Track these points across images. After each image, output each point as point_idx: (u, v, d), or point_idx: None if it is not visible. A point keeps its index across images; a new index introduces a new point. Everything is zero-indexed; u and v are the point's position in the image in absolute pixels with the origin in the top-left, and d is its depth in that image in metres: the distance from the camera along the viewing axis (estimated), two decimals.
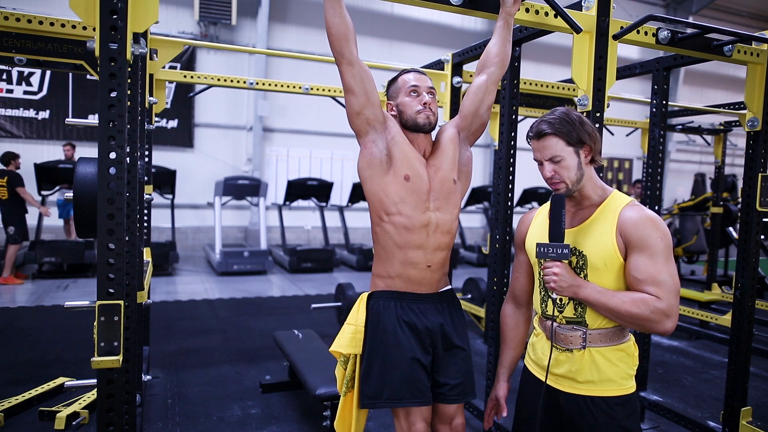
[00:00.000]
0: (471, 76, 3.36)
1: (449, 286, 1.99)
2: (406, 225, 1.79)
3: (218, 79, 3.91)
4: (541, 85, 4.00)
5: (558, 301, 1.57)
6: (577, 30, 2.05)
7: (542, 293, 1.62)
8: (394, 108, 1.89)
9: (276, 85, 4.08)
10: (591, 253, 1.51)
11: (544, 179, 1.56)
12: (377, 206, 1.83)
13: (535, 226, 1.68)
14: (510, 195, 2.76)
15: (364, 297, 1.90)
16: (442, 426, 1.91)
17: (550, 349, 1.59)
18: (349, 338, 1.85)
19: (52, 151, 9.01)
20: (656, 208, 3.36)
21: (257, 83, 3.96)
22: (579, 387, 1.54)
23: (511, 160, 2.74)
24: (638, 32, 2.22)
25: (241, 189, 8.61)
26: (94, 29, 1.47)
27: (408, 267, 1.82)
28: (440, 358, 1.87)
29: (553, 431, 1.62)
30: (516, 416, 1.74)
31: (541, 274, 1.57)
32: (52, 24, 2.59)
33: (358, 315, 1.87)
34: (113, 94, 1.46)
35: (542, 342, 1.65)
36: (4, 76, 8.88)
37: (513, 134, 2.73)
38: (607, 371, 1.52)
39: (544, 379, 1.59)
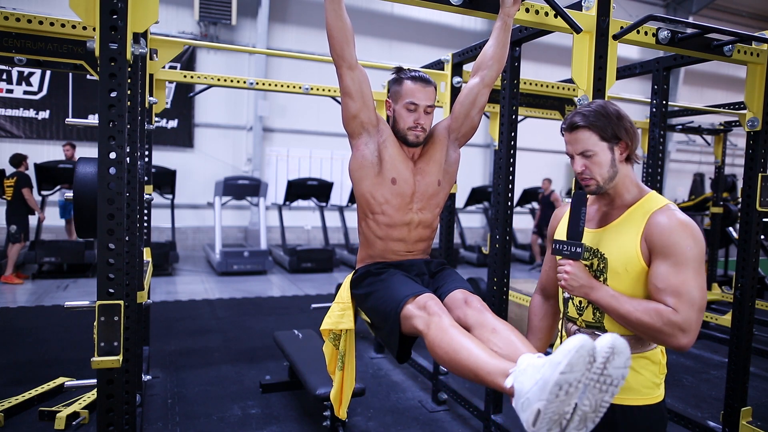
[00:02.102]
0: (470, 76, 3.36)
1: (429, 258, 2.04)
2: (388, 223, 1.88)
3: (218, 79, 3.91)
4: (541, 85, 4.00)
5: (578, 303, 1.51)
6: (577, 30, 2.05)
7: (563, 293, 1.57)
8: (391, 108, 1.91)
9: (276, 85, 4.08)
10: (612, 257, 1.44)
11: (575, 174, 1.49)
12: (364, 205, 1.91)
13: (564, 221, 1.61)
14: (510, 195, 2.76)
15: (348, 276, 1.98)
16: (459, 311, 1.73)
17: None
18: (339, 315, 1.92)
19: (52, 151, 9.01)
20: None
21: (257, 83, 3.97)
22: None
23: (511, 160, 2.75)
24: (638, 32, 2.22)
25: (241, 189, 8.61)
26: (94, 29, 1.47)
27: (389, 252, 1.92)
28: (429, 280, 1.90)
29: None
30: None
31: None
32: (52, 24, 2.59)
33: (344, 293, 1.94)
34: (113, 94, 1.46)
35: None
36: (4, 76, 8.88)
37: (513, 134, 2.73)
38: (629, 379, 1.42)
39: None
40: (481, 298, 1.73)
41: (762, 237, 5.37)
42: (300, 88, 4.01)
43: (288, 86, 4.06)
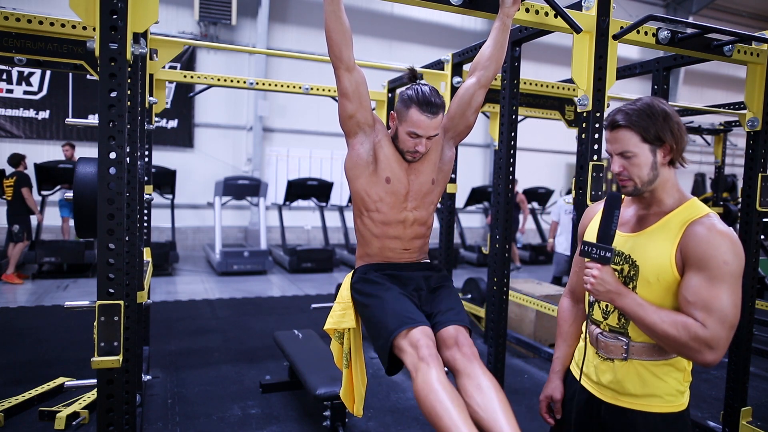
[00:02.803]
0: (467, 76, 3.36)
1: (428, 261, 2.05)
2: (383, 220, 1.90)
3: (218, 79, 3.91)
4: (541, 85, 4.00)
5: (604, 307, 1.47)
6: (577, 30, 2.05)
7: (590, 296, 1.50)
8: (395, 122, 1.89)
9: (276, 85, 4.08)
10: (644, 265, 1.37)
11: (614, 174, 1.41)
12: (359, 202, 1.93)
13: (596, 220, 1.52)
14: (510, 195, 2.76)
15: (348, 276, 1.99)
16: (448, 351, 1.78)
17: (584, 352, 1.51)
18: (340, 314, 1.94)
19: (52, 151, 9.01)
20: None
21: (257, 83, 3.97)
22: (621, 399, 1.43)
23: (511, 160, 2.75)
24: (638, 32, 2.22)
25: (241, 189, 8.61)
26: (94, 29, 1.47)
27: (386, 250, 1.94)
28: (426, 298, 1.90)
29: None
30: (559, 420, 1.66)
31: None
32: (52, 24, 2.59)
33: (344, 292, 1.96)
34: (113, 94, 1.46)
35: (588, 347, 1.54)
36: (4, 76, 8.88)
37: (513, 134, 2.73)
38: (652, 386, 1.39)
39: (578, 379, 1.52)
40: (480, 300, 1.73)
41: (762, 237, 5.36)
42: (300, 88, 4.01)
43: (288, 86, 4.06)
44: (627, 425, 1.41)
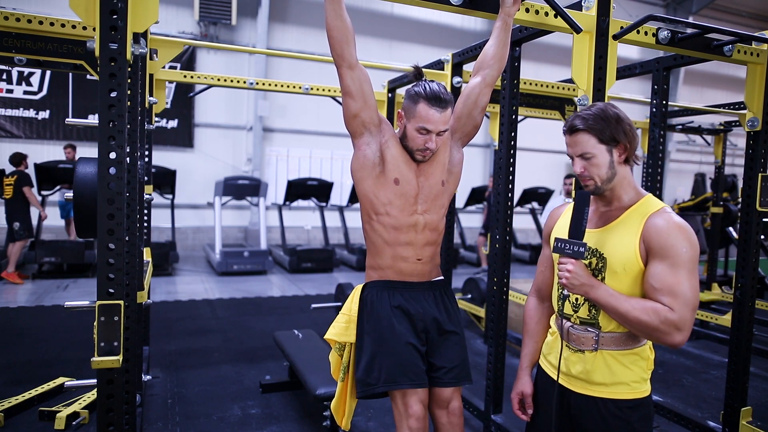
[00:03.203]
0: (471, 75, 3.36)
1: (441, 277, 2.03)
2: (393, 225, 1.86)
3: (218, 79, 3.91)
4: (541, 85, 4.00)
5: (574, 300, 1.55)
6: (577, 30, 2.05)
7: (559, 290, 1.59)
8: (402, 121, 1.88)
9: (276, 85, 4.08)
10: (611, 257, 1.48)
11: (576, 175, 1.55)
12: (367, 206, 1.89)
13: (562, 220, 1.65)
14: (510, 195, 2.76)
15: (358, 288, 1.96)
16: (439, 410, 1.90)
17: (560, 347, 1.58)
18: (344, 327, 1.92)
19: (52, 151, 9.01)
20: None
21: (257, 83, 3.97)
22: (591, 389, 1.53)
23: (511, 160, 2.74)
24: (638, 32, 2.22)
25: (241, 189, 8.61)
26: (94, 29, 1.47)
27: (398, 260, 1.89)
28: (434, 342, 1.90)
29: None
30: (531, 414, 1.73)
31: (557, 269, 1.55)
32: (52, 24, 2.59)
33: (351, 305, 1.93)
34: (113, 94, 1.46)
35: (557, 341, 1.63)
36: (4, 76, 8.88)
37: (513, 134, 2.73)
38: (619, 374, 1.50)
39: (556, 378, 1.58)
40: (480, 300, 1.74)
41: (762, 237, 5.37)
42: (300, 88, 4.01)
43: (288, 86, 4.06)
44: (596, 413, 1.51)
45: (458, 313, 2.01)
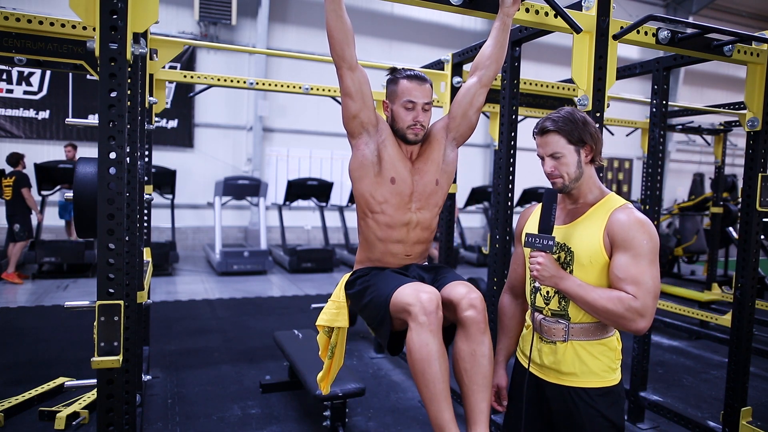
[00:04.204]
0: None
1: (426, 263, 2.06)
2: (388, 222, 1.89)
3: (218, 79, 3.91)
4: (541, 85, 4.00)
5: (545, 293, 1.63)
6: (577, 30, 2.05)
7: (531, 284, 1.67)
8: (389, 109, 1.92)
9: (276, 85, 4.08)
10: (578, 250, 1.57)
11: (545, 174, 1.62)
12: (363, 204, 1.92)
13: (532, 219, 1.74)
14: (510, 195, 2.76)
15: (346, 276, 1.98)
16: (458, 307, 1.66)
17: (532, 338, 1.67)
18: (334, 313, 1.94)
19: (52, 151, 9.01)
20: (656, 208, 3.36)
21: (257, 83, 3.97)
22: (563, 378, 1.61)
23: (511, 160, 2.75)
24: (638, 32, 2.22)
25: (241, 189, 8.61)
26: (94, 29, 1.47)
27: (387, 255, 1.93)
28: (425, 278, 1.88)
29: (542, 422, 1.68)
30: (507, 405, 1.81)
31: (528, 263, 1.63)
32: (52, 24, 2.59)
33: (340, 292, 1.96)
34: (113, 94, 1.46)
35: (530, 334, 1.71)
36: (4, 76, 8.87)
37: (513, 134, 2.73)
38: (589, 364, 1.58)
39: (527, 366, 1.67)
40: (482, 296, 1.71)
41: (762, 237, 5.37)
42: (300, 88, 4.01)
43: (288, 86, 4.06)
44: (569, 401, 1.60)
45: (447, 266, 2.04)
